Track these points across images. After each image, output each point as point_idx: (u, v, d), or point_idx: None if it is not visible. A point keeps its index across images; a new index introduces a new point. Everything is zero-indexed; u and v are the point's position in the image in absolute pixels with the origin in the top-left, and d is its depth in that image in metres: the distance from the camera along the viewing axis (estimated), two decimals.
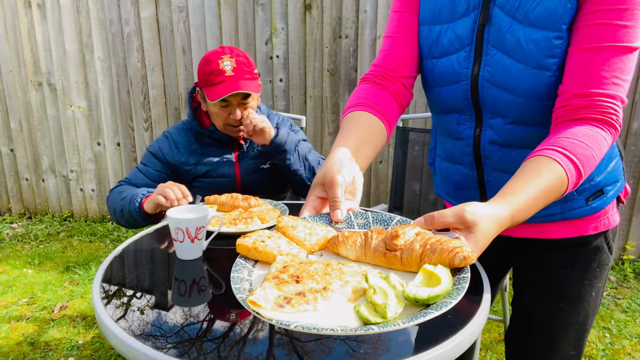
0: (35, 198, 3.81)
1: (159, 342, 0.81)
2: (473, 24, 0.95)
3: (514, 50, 0.91)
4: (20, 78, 3.53)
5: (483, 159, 1.05)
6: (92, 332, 2.32)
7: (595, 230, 1.06)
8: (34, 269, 2.99)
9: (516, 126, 0.97)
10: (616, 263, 2.99)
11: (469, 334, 0.83)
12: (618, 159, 1.06)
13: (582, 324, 1.10)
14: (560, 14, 0.86)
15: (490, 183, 1.08)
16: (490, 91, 0.96)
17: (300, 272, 0.71)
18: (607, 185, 1.04)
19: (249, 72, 1.61)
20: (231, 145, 1.72)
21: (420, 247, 0.72)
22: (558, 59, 0.88)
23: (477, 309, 0.92)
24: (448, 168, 1.16)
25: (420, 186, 2.15)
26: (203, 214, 1.13)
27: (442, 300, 0.65)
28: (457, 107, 1.03)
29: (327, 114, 3.19)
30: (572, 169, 0.79)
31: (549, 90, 0.90)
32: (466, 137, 1.05)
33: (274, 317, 0.63)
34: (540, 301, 1.12)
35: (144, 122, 3.48)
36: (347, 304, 0.67)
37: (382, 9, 2.94)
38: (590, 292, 1.08)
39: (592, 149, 0.81)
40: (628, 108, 2.79)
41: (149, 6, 3.23)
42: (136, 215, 1.49)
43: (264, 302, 0.65)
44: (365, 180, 3.26)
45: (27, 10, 3.38)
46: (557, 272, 1.09)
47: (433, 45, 1.02)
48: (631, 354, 2.15)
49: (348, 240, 0.78)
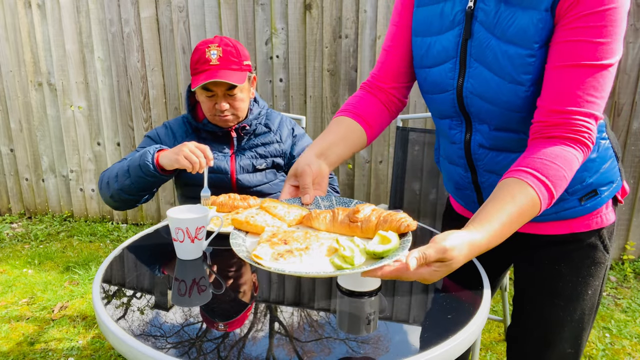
0: (35, 198, 3.81)
1: (159, 342, 0.81)
2: (457, 37, 1.00)
3: (493, 65, 0.95)
4: (20, 78, 3.53)
5: (475, 161, 1.10)
6: (92, 332, 2.31)
7: (587, 227, 1.08)
8: (34, 269, 2.99)
9: (499, 132, 1.02)
10: (616, 263, 2.99)
11: (469, 334, 0.83)
12: (613, 160, 1.06)
13: (578, 321, 1.11)
14: (532, 33, 0.89)
15: (484, 184, 1.12)
16: (474, 101, 1.01)
17: (287, 237, 0.91)
18: (601, 186, 1.05)
19: (237, 62, 1.58)
20: (227, 141, 1.70)
21: (376, 219, 0.93)
22: (532, 76, 0.91)
23: (477, 309, 0.92)
24: (448, 168, 1.21)
25: (420, 186, 2.15)
26: (203, 214, 1.13)
27: (392, 254, 0.83)
28: (448, 114, 1.09)
29: (327, 114, 3.19)
30: (544, 192, 0.85)
31: (526, 103, 0.94)
32: (458, 141, 1.10)
33: (272, 266, 0.80)
34: (537, 297, 1.14)
35: (144, 122, 3.48)
36: (324, 258, 0.86)
37: (382, 9, 2.94)
38: (586, 290, 1.09)
39: (564, 170, 0.86)
40: (628, 108, 2.79)
41: (149, 6, 3.23)
42: (148, 170, 1.43)
43: (264, 255, 0.83)
44: (366, 180, 3.26)
45: (27, 10, 3.38)
46: (552, 268, 1.10)
47: (424, 56, 1.07)
48: (631, 354, 2.15)
49: (319, 215, 0.99)
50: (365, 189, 3.27)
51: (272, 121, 1.77)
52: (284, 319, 0.90)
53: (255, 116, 1.72)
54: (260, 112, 1.74)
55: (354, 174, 3.26)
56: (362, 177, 3.25)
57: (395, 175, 2.18)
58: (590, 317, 1.13)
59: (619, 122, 2.81)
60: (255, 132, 1.73)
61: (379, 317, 0.90)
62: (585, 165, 1.01)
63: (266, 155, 1.73)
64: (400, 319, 0.90)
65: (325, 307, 0.95)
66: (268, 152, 1.73)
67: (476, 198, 1.17)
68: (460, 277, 1.10)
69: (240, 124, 1.68)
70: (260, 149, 1.72)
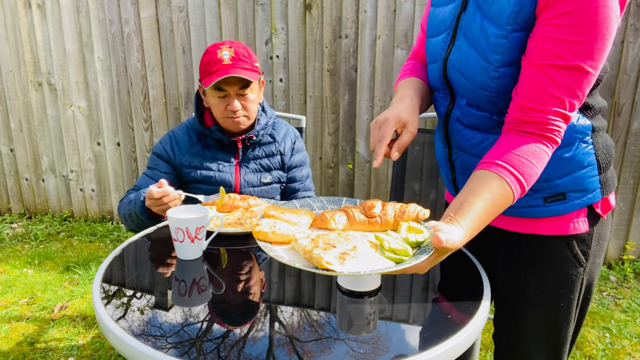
0: (35, 198, 3.81)
1: (159, 342, 0.81)
2: (455, 9, 1.02)
3: (474, 40, 0.97)
4: (20, 78, 3.53)
5: (449, 136, 1.11)
6: (92, 332, 2.31)
7: (552, 232, 1.03)
8: (34, 269, 2.99)
9: (471, 108, 1.03)
10: (616, 263, 2.99)
11: (469, 334, 0.83)
12: (593, 168, 1.00)
13: (552, 333, 1.07)
14: (507, 14, 0.90)
15: (455, 162, 1.13)
16: (454, 74, 1.03)
17: (328, 241, 0.89)
18: (572, 191, 1.00)
19: (248, 62, 1.58)
20: (233, 150, 1.68)
21: (393, 211, 0.98)
22: (501, 57, 0.92)
23: (477, 309, 0.92)
24: (437, 143, 1.22)
25: (420, 186, 2.15)
26: (203, 214, 1.13)
27: (428, 242, 0.88)
28: (436, 85, 1.11)
29: (327, 114, 3.19)
30: (518, 189, 0.89)
31: (494, 84, 0.95)
32: (441, 114, 1.13)
33: (344, 270, 0.80)
34: (508, 302, 1.12)
35: (144, 122, 3.48)
36: (374, 254, 0.87)
37: (382, 9, 2.94)
38: (557, 301, 1.05)
39: (537, 167, 0.90)
40: (628, 108, 2.79)
41: (149, 6, 3.23)
42: (142, 216, 1.48)
43: (332, 261, 0.82)
44: (366, 180, 3.26)
45: (27, 10, 3.38)
46: (520, 274, 1.08)
47: (430, 25, 1.11)
48: (631, 354, 2.15)
49: (334, 216, 1.00)
50: (365, 189, 3.27)
51: (277, 131, 1.75)
52: (284, 319, 0.90)
53: (263, 126, 1.69)
54: (267, 122, 1.71)
55: (354, 174, 3.26)
56: (362, 177, 3.25)
57: (395, 175, 2.19)
58: (565, 330, 1.07)
59: (619, 122, 2.81)
60: (260, 142, 1.71)
61: (379, 317, 0.90)
62: (554, 163, 0.97)
63: (270, 168, 1.72)
64: (400, 319, 0.90)
65: (325, 307, 0.95)
66: (272, 165, 1.72)
67: (451, 177, 1.17)
68: (460, 277, 1.10)
69: (248, 134, 1.66)
70: (264, 161, 1.71)
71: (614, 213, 2.94)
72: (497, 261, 1.14)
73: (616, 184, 1.11)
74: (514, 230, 1.08)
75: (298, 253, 0.91)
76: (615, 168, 2.88)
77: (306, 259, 0.87)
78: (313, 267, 0.83)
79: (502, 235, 1.11)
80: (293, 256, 0.90)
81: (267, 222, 0.99)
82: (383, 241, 0.88)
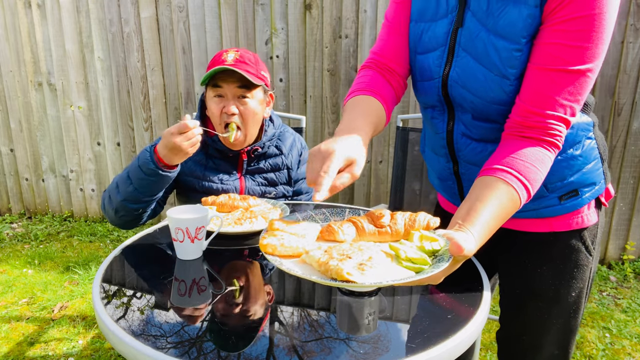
0: (35, 198, 3.81)
1: (159, 342, 0.81)
2: (449, 25, 1.00)
3: (481, 56, 0.95)
4: (20, 78, 3.53)
5: (456, 151, 1.10)
6: (92, 332, 2.31)
7: (568, 227, 1.07)
8: (34, 269, 2.99)
9: (479, 121, 1.02)
10: (616, 263, 2.99)
11: (469, 334, 0.83)
12: (598, 161, 1.05)
13: (564, 324, 1.11)
14: (520, 28, 0.89)
15: (464, 175, 1.12)
16: (458, 91, 1.01)
17: (343, 252, 0.85)
18: (583, 186, 1.04)
19: (253, 67, 1.50)
20: (236, 162, 1.60)
21: (402, 220, 0.95)
22: (516, 70, 0.92)
23: (477, 309, 0.92)
24: (432, 158, 1.21)
25: (420, 186, 2.15)
26: (203, 214, 1.13)
27: (444, 250, 0.85)
28: (431, 103, 1.09)
29: (327, 114, 3.19)
30: (525, 195, 0.89)
31: (509, 97, 0.95)
32: (441, 130, 1.11)
33: (365, 281, 0.77)
34: (520, 299, 1.14)
35: (144, 122, 3.48)
36: (391, 264, 0.84)
37: (382, 9, 2.94)
38: (569, 292, 1.09)
39: (542, 173, 0.90)
40: (628, 108, 2.79)
41: (149, 6, 3.23)
42: (148, 167, 1.32)
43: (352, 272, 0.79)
44: (366, 180, 3.26)
45: (27, 10, 3.38)
46: (534, 270, 1.10)
47: (417, 42, 1.07)
48: (631, 354, 2.15)
49: (342, 227, 0.95)
50: (365, 189, 3.27)
51: (283, 142, 1.67)
52: (284, 319, 0.90)
53: (269, 137, 1.62)
54: (274, 133, 1.64)
55: None
56: (362, 177, 3.25)
57: (395, 175, 2.19)
58: (575, 320, 1.12)
59: (619, 122, 2.81)
60: (266, 154, 1.62)
61: (379, 317, 0.90)
62: (567, 162, 1.01)
63: (276, 183, 1.64)
64: (400, 319, 0.90)
65: (325, 307, 0.95)
66: (278, 180, 1.65)
67: (457, 189, 1.17)
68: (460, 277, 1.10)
69: (253, 145, 1.57)
70: (270, 175, 1.63)
71: (614, 213, 2.94)
72: (508, 262, 1.16)
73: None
74: (530, 231, 1.10)
75: (310, 266, 0.87)
76: (615, 168, 2.88)
77: (321, 271, 0.83)
78: (331, 280, 0.79)
79: (512, 235, 1.12)
80: (305, 269, 0.86)
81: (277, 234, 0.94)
82: (399, 250, 0.86)
